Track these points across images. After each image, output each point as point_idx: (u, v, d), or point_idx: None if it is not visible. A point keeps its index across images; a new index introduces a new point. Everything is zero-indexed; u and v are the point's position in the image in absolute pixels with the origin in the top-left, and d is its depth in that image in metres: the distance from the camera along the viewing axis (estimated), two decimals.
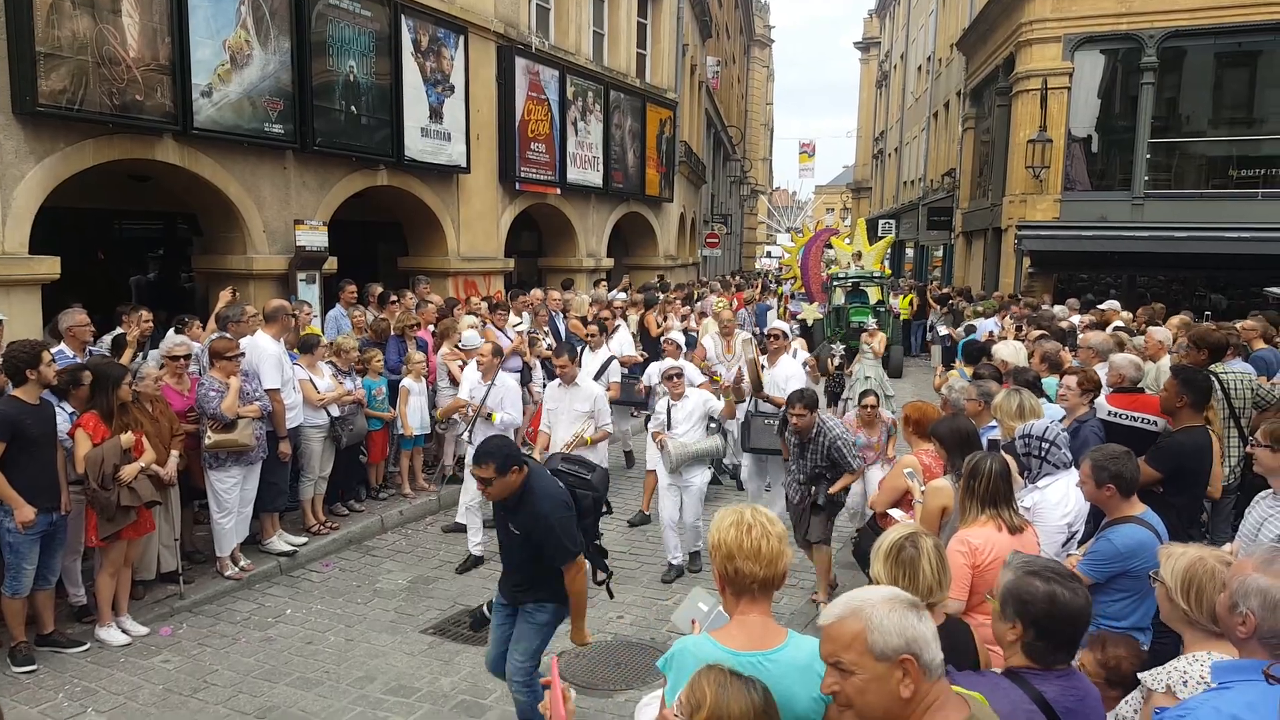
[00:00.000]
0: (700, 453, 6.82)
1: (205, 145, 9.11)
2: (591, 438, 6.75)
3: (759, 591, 2.36)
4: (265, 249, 9.96)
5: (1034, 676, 2.24)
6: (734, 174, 40.16)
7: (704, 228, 29.96)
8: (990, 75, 22.05)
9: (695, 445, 6.79)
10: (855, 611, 1.83)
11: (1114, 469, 3.53)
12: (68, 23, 7.55)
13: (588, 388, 6.87)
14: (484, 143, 13.66)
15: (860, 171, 55.57)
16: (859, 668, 1.79)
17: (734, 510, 2.45)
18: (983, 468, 3.48)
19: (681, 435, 6.81)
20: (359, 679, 5.13)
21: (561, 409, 6.79)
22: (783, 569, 2.38)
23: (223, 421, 6.20)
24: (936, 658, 1.79)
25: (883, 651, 1.77)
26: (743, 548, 2.34)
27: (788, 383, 7.14)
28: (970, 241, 25.35)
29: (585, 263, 16.95)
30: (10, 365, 5.14)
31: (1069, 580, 2.30)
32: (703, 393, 7.06)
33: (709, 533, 2.49)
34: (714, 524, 2.45)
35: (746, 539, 2.35)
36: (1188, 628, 2.45)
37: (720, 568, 2.40)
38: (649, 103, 18.72)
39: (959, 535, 3.44)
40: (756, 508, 2.47)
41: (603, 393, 6.96)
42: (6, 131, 7.34)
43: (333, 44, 10.53)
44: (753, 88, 49.62)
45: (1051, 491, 3.94)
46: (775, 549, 2.36)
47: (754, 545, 2.34)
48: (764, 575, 2.34)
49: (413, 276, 11.91)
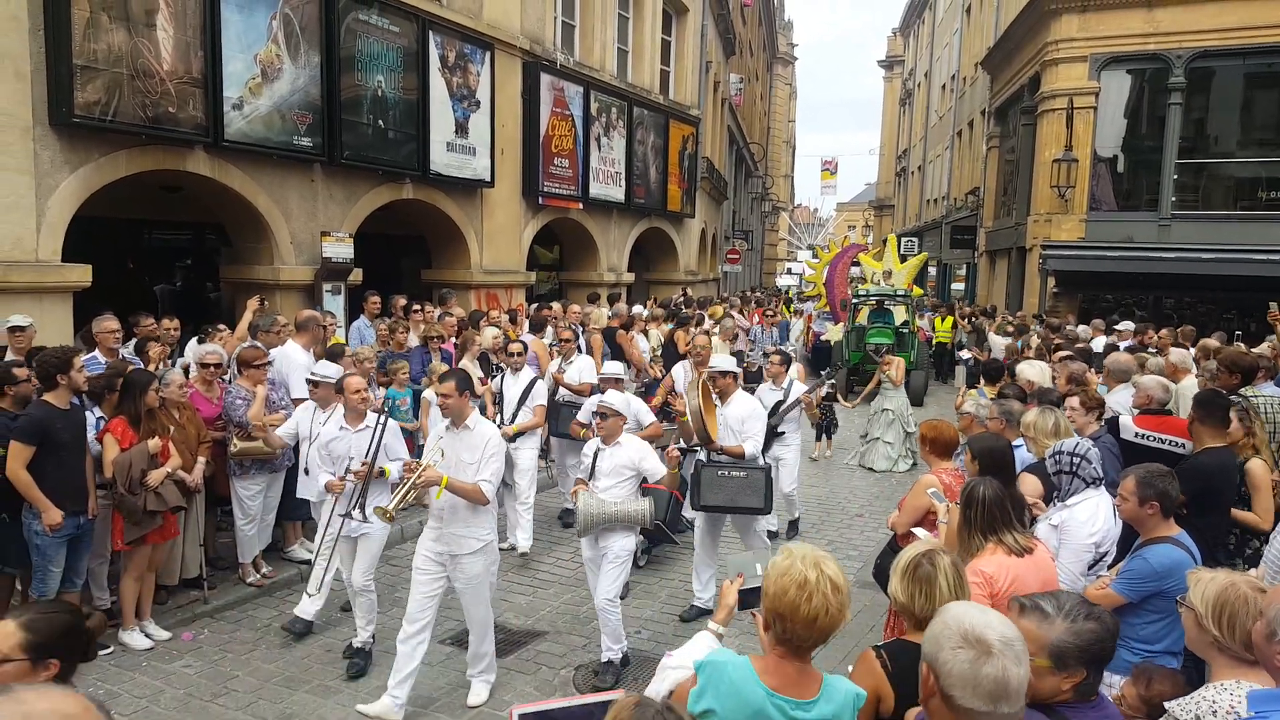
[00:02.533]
0: (620, 517, 5.26)
1: (235, 157, 9.26)
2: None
3: (804, 650, 2.29)
4: (292, 260, 10.09)
5: (1073, 712, 2.22)
6: (756, 190, 40.23)
7: (725, 243, 30.00)
8: (1015, 94, 21.98)
9: (615, 507, 5.24)
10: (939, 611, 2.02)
11: (1160, 487, 3.49)
12: (104, 36, 7.72)
13: (480, 433, 4.79)
14: (508, 157, 13.78)
15: (883, 189, 55.44)
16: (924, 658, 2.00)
17: (798, 559, 2.26)
18: (976, 495, 3.40)
19: (603, 490, 5.33)
20: (377, 688, 5.13)
21: (449, 461, 4.78)
22: (834, 633, 2.26)
23: (248, 429, 6.26)
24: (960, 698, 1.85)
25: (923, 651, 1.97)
26: (798, 613, 2.20)
27: (743, 424, 6.09)
28: (994, 261, 25.19)
29: (606, 277, 17.02)
30: (42, 370, 5.23)
31: (1095, 608, 2.32)
32: (642, 446, 5.47)
33: (766, 574, 2.33)
34: (774, 568, 2.29)
35: (805, 605, 2.20)
36: (1218, 654, 2.40)
37: (769, 617, 2.28)
38: (672, 119, 18.82)
39: (971, 567, 3.35)
40: (824, 562, 2.27)
41: (497, 440, 4.81)
42: (43, 142, 7.50)
43: (361, 59, 10.69)
44: (775, 105, 49.73)
45: (1080, 510, 3.89)
46: (834, 620, 2.22)
47: (811, 614, 2.19)
48: (813, 643, 2.26)
49: (436, 289, 12.01)
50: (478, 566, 4.84)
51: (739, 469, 5.93)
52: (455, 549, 4.81)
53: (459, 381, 4.79)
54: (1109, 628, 2.28)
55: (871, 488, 10.19)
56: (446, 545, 4.81)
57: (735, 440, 6.06)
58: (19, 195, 7.34)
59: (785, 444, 7.77)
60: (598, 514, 5.22)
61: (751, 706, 2.21)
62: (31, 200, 7.44)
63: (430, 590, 4.81)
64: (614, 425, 5.44)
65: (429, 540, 4.87)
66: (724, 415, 6.19)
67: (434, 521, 4.88)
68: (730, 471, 5.93)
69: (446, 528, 4.82)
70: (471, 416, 4.86)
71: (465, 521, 4.78)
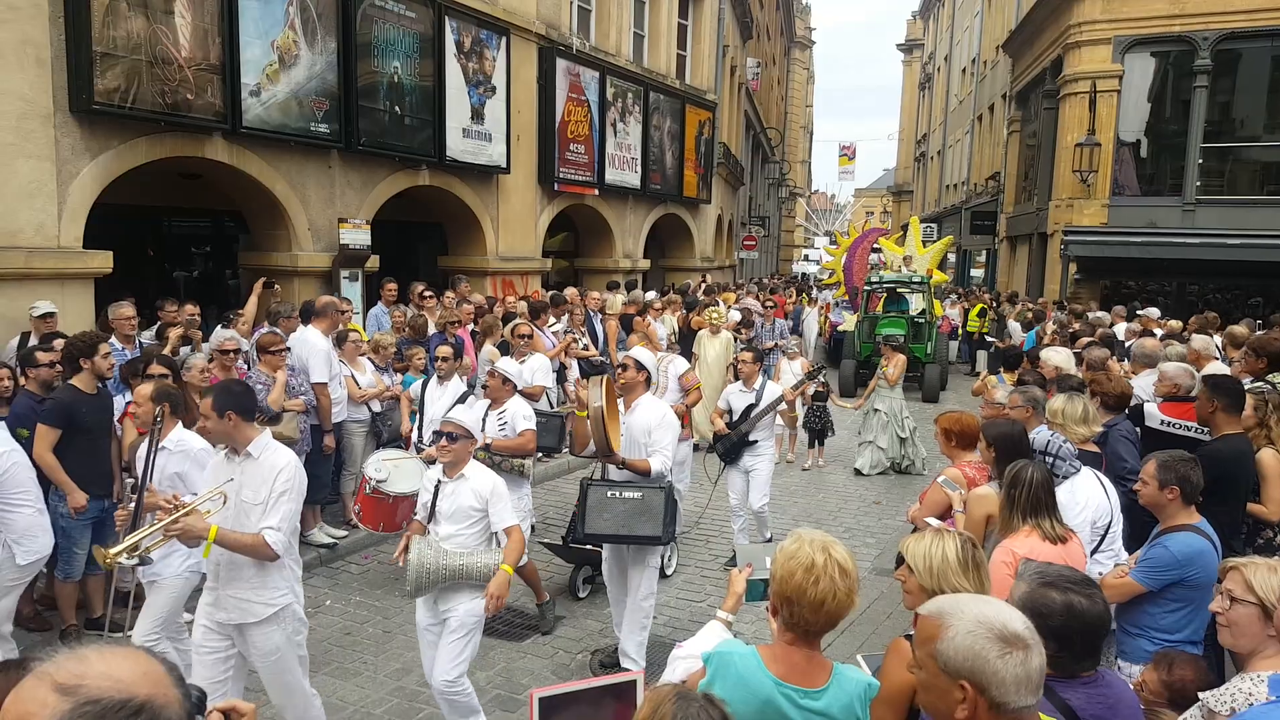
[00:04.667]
0: (467, 573, 4.03)
1: (253, 144, 9.29)
2: None
3: (812, 635, 2.26)
4: (310, 246, 10.13)
5: (1060, 686, 2.19)
6: (772, 176, 39.99)
7: (741, 230, 29.86)
8: (1037, 78, 21.69)
9: (460, 559, 4.04)
10: (943, 614, 1.80)
11: (1182, 472, 3.44)
12: (123, 23, 7.75)
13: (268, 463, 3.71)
14: (524, 143, 13.76)
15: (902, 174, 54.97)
16: (925, 666, 1.81)
17: (806, 543, 2.23)
18: (1023, 476, 3.38)
19: (445, 536, 4.11)
20: (396, 670, 5.19)
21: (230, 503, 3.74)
22: (842, 618, 2.23)
23: (269, 415, 6.32)
24: (1014, 701, 1.71)
25: (944, 664, 1.75)
26: (805, 596, 2.18)
27: (650, 434, 4.92)
28: (1014, 246, 24.96)
29: (622, 264, 16.98)
30: (67, 354, 5.32)
31: (1084, 587, 2.24)
32: (493, 481, 4.18)
33: (774, 558, 2.30)
34: (782, 552, 2.25)
35: (812, 589, 2.17)
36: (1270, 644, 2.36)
37: (777, 600, 2.26)
38: (688, 104, 18.70)
39: (1003, 546, 3.36)
40: (832, 546, 2.23)
41: (291, 472, 3.73)
42: (64, 129, 7.55)
43: (378, 45, 10.68)
44: (793, 90, 49.34)
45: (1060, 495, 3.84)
46: (842, 604, 2.19)
47: (818, 597, 2.17)
48: (821, 627, 2.23)
49: (452, 275, 12.03)
50: (273, 639, 3.73)
51: (633, 488, 4.83)
52: (238, 617, 3.72)
53: (217, 399, 3.62)
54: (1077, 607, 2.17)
55: (865, 494, 9.34)
56: (227, 613, 3.73)
57: (640, 453, 4.92)
58: (41, 182, 7.40)
59: (758, 453, 6.84)
60: (435, 568, 3.99)
61: (759, 697, 2.18)
62: (53, 187, 7.50)
63: (217, 674, 3.77)
64: (461, 451, 4.15)
65: (206, 605, 3.80)
66: (628, 423, 5.00)
67: (211, 580, 3.81)
68: (621, 492, 4.83)
69: (224, 589, 3.72)
70: (257, 441, 3.69)
71: (250, 582, 3.68)
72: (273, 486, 3.63)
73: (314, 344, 7.03)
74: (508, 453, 5.68)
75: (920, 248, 18.64)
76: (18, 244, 7.24)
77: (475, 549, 4.11)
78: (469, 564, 4.04)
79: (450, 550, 4.06)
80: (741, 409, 6.82)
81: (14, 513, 4.60)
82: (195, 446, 4.39)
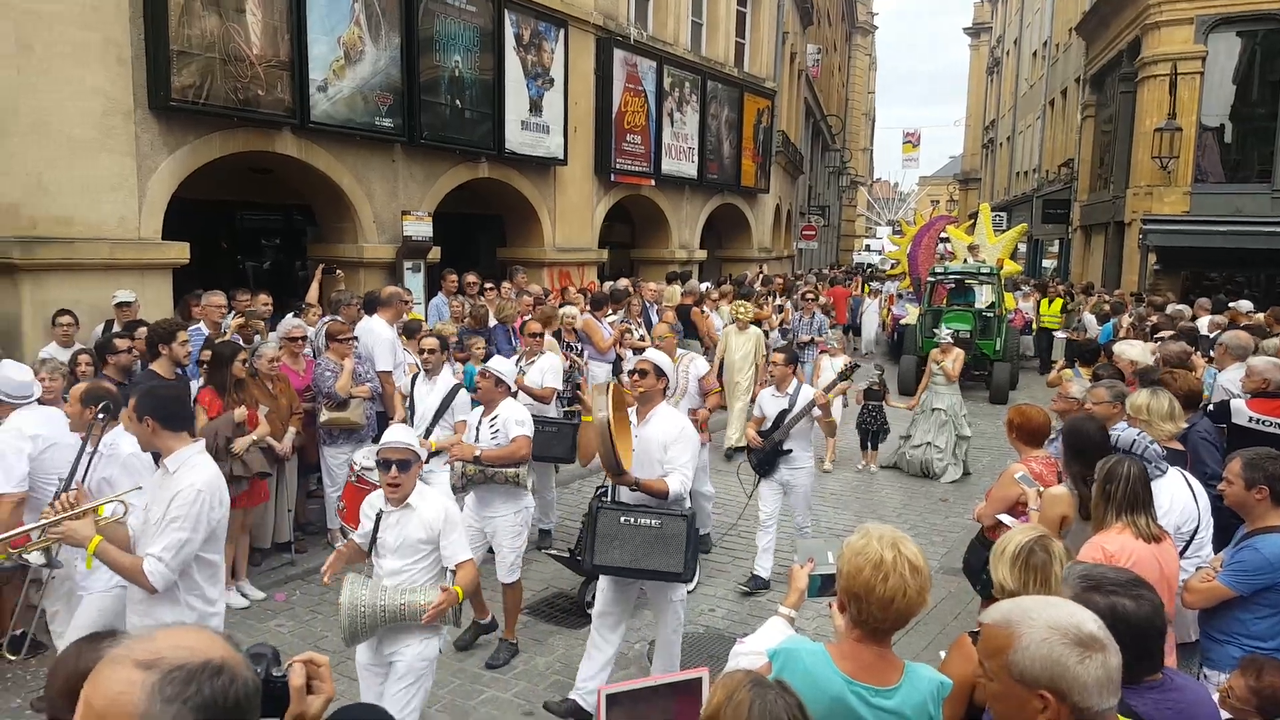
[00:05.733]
0: (406, 613, 3.47)
1: (321, 138, 9.50)
2: None
3: (881, 633, 2.20)
4: (375, 238, 10.34)
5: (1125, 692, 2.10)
6: (833, 165, 39.38)
7: (800, 220, 29.49)
8: (1113, 60, 20.88)
9: (399, 597, 3.49)
10: (1011, 623, 1.72)
11: (1271, 470, 3.27)
12: (197, 22, 7.99)
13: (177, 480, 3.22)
14: (581, 135, 13.79)
15: (969, 162, 53.57)
16: (996, 678, 1.73)
17: (874, 539, 2.16)
18: (1120, 471, 3.22)
19: (389, 573, 3.59)
20: (455, 653, 5.27)
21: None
22: (913, 616, 2.17)
23: (336, 400, 6.48)
24: (1098, 704, 1.65)
25: (1020, 675, 1.68)
26: (874, 593, 2.12)
27: (667, 450, 4.32)
28: (1089, 236, 24.13)
29: (678, 254, 16.92)
30: (149, 341, 5.58)
31: (1131, 588, 2.13)
32: (444, 508, 3.64)
33: (840, 554, 2.23)
34: (849, 547, 2.19)
35: (881, 586, 2.10)
36: None
37: (845, 598, 2.20)
38: (747, 92, 18.51)
39: (1093, 542, 3.22)
40: (902, 542, 2.16)
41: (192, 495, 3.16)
42: (143, 125, 7.83)
43: (440, 39, 10.81)
44: (854, 76, 48.46)
45: None
46: (912, 602, 2.12)
47: (887, 595, 2.11)
48: (890, 624, 2.17)
49: (510, 267, 12.15)
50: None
51: (650, 515, 4.27)
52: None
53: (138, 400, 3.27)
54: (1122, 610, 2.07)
55: (932, 491, 9.01)
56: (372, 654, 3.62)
57: (655, 471, 4.34)
58: (123, 176, 7.69)
59: (794, 465, 6.22)
60: (371, 611, 3.43)
61: (829, 694, 2.14)
62: (134, 181, 7.79)
63: None
64: (412, 477, 3.60)
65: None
66: (639, 437, 4.43)
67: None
68: (636, 519, 4.26)
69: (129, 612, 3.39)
70: (178, 454, 3.25)
71: (140, 610, 3.30)
72: (167, 509, 3.14)
73: (379, 333, 7.18)
74: (498, 462, 4.97)
75: (991, 236, 18.08)
76: (101, 235, 7.55)
77: (422, 586, 3.54)
78: (411, 603, 3.43)
79: (390, 587, 3.50)
80: (775, 415, 6.23)
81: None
82: (124, 451, 3.99)
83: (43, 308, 6.94)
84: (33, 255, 7.10)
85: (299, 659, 1.57)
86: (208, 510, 3.19)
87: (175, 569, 3.14)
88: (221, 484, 3.33)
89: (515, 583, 5.16)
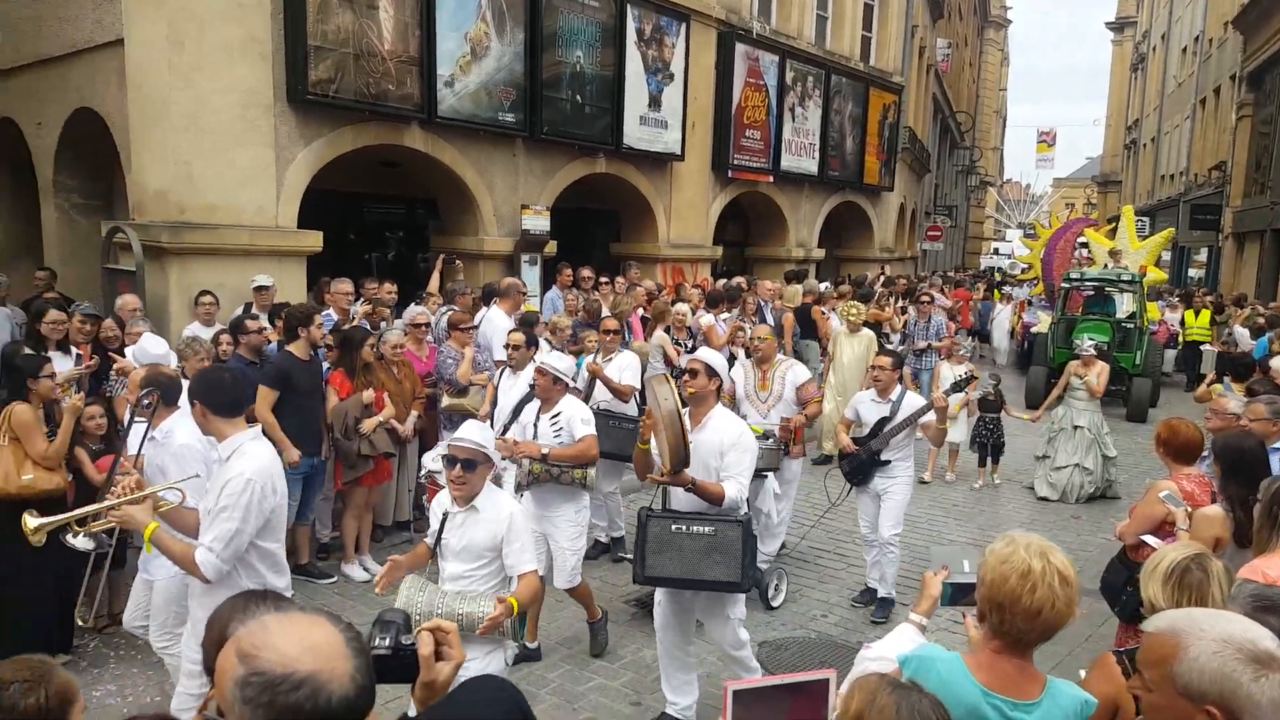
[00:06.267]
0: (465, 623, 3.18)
1: (447, 133, 9.75)
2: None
3: (1024, 645, 2.07)
4: (494, 231, 10.55)
5: None
6: (961, 163, 37.90)
7: (925, 220, 28.45)
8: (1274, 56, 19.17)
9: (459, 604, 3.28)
10: (1178, 632, 1.60)
11: None
12: (333, 18, 8.33)
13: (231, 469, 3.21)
14: (699, 130, 13.67)
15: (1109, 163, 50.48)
16: (1158, 689, 1.64)
17: (1021, 547, 2.04)
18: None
19: (451, 578, 3.45)
20: (568, 639, 5.27)
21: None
22: (1059, 629, 2.03)
23: (457, 387, 6.63)
24: None
25: (1185, 688, 1.57)
26: (1019, 604, 1.99)
27: (723, 456, 4.04)
28: (1242, 244, 22.27)
29: (795, 253, 16.56)
30: (288, 324, 5.85)
31: None
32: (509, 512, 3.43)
33: (984, 560, 2.09)
34: (993, 555, 2.07)
35: (1028, 596, 1.99)
36: None
37: (985, 607, 2.08)
38: (872, 87, 17.96)
39: (1254, 565, 2.92)
40: (1050, 552, 2.03)
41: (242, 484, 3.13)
42: (281, 118, 8.21)
43: (562, 35, 10.93)
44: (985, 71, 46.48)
45: None
46: (1060, 614, 2.00)
47: (1034, 606, 1.99)
48: (1035, 637, 2.04)
49: (623, 262, 12.17)
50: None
51: (702, 522, 4.01)
52: (192, 635, 3.36)
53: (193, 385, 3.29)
54: None
55: (1062, 508, 8.43)
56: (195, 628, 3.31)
57: (710, 478, 4.03)
58: (262, 167, 8.09)
59: (891, 475, 5.76)
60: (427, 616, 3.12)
61: (964, 705, 2.02)
62: (273, 172, 8.18)
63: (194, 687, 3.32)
64: (480, 478, 3.39)
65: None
66: (694, 442, 4.06)
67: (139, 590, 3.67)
68: (689, 526, 4.01)
69: (190, 602, 3.38)
70: (230, 440, 3.23)
71: (201, 601, 3.22)
72: (218, 498, 3.11)
73: (498, 323, 7.32)
74: (568, 462, 4.78)
75: (1135, 242, 16.81)
76: (242, 223, 7.96)
77: (485, 594, 3.32)
78: (470, 613, 3.17)
79: (451, 593, 3.29)
80: (873, 423, 5.80)
81: None
82: (177, 441, 3.94)
83: (188, 289, 7.37)
84: (180, 240, 7.55)
85: (427, 627, 1.58)
86: (258, 499, 3.12)
87: (227, 560, 3.09)
88: (275, 470, 3.24)
89: (578, 586, 4.94)
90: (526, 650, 4.91)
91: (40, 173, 9.22)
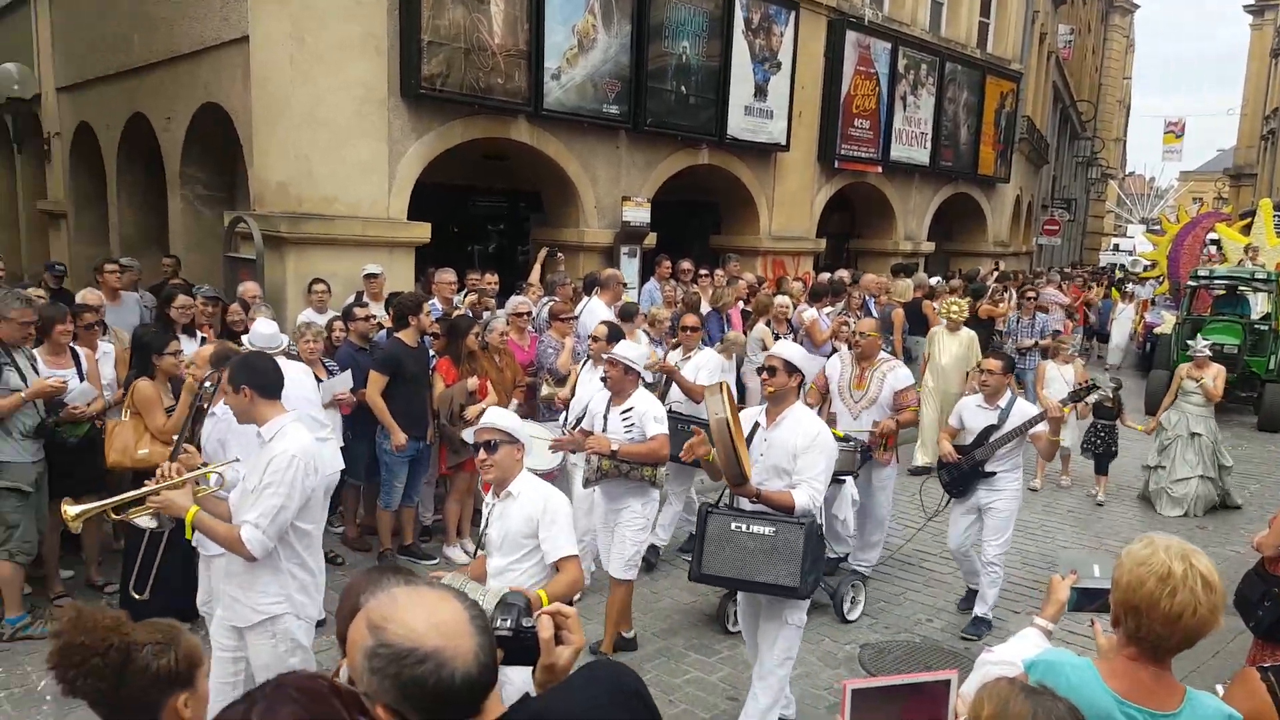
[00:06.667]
0: None
1: (552, 126, 9.86)
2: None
3: (1162, 653, 1.95)
4: (595, 223, 10.60)
5: None
6: (1082, 155, 35.93)
7: (1042, 213, 27.09)
8: None
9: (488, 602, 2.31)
10: None
11: None
12: (446, 13, 8.52)
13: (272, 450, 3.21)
14: (805, 120, 13.39)
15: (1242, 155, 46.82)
16: None
17: (1161, 549, 1.92)
18: None
19: (495, 571, 3.36)
20: (663, 630, 5.24)
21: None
22: (1201, 636, 1.90)
23: (557, 377, 6.69)
24: None
25: None
26: (1158, 608, 1.88)
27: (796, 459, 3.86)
28: None
29: (902, 246, 16.04)
30: (398, 311, 6.01)
31: None
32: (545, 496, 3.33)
33: (1120, 563, 1.97)
34: (1130, 557, 1.96)
35: (1167, 601, 1.87)
36: None
37: (1121, 610, 1.96)
38: (989, 75, 17.20)
39: None
40: (1193, 555, 1.92)
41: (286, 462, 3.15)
42: (395, 112, 8.46)
43: (669, 26, 10.88)
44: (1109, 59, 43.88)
45: None
46: (1203, 621, 1.88)
47: (1174, 611, 1.87)
48: (1175, 644, 1.92)
49: (723, 254, 12.03)
50: (263, 653, 3.28)
51: (764, 522, 3.83)
52: (230, 617, 3.35)
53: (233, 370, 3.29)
54: None
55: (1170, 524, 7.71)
56: (224, 609, 3.39)
57: (782, 481, 3.87)
58: (376, 160, 8.37)
59: (996, 488, 5.34)
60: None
61: (1096, 712, 1.93)
62: (385, 165, 8.45)
63: (226, 674, 3.38)
64: (506, 462, 3.29)
65: (219, 606, 3.51)
66: (768, 441, 3.92)
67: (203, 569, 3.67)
68: (749, 525, 3.84)
69: (225, 582, 3.41)
70: (272, 422, 3.25)
71: (238, 579, 3.29)
72: (262, 476, 3.14)
73: (598, 314, 7.35)
74: (637, 460, 4.64)
75: (1272, 238, 15.55)
76: (356, 214, 8.26)
77: (529, 588, 3.15)
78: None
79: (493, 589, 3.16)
80: (979, 430, 5.39)
81: None
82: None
83: (303, 277, 7.68)
84: (298, 230, 7.88)
85: (546, 610, 1.60)
86: (301, 476, 3.16)
87: (273, 536, 3.11)
88: (315, 452, 3.28)
89: (628, 581, 4.80)
90: (623, 640, 4.90)
91: (168, 165, 9.77)
